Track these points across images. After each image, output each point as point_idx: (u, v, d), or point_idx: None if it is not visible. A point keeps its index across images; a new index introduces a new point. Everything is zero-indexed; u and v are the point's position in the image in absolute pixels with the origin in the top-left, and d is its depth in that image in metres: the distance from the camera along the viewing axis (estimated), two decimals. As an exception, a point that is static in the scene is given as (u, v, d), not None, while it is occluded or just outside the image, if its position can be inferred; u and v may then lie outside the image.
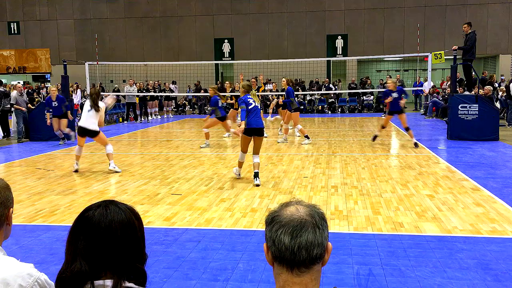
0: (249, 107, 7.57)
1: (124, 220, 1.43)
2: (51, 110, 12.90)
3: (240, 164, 8.10)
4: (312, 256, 1.29)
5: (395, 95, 11.53)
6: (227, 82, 18.21)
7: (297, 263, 1.28)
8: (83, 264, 1.37)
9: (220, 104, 11.70)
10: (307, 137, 12.30)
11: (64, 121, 13.17)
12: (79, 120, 9.30)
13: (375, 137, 12.13)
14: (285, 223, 1.30)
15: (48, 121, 12.93)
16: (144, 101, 20.48)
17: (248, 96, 7.70)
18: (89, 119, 8.63)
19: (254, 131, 7.59)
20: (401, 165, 9.16)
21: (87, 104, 8.73)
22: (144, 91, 20.68)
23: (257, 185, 7.48)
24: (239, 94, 8.44)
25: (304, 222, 1.30)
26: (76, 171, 8.91)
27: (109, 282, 1.37)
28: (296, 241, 1.27)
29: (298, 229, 1.28)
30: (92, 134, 8.72)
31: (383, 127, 12.08)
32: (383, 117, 20.03)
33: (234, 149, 11.66)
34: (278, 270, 1.31)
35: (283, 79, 12.45)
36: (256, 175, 7.61)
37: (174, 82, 24.94)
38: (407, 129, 11.43)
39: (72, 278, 1.36)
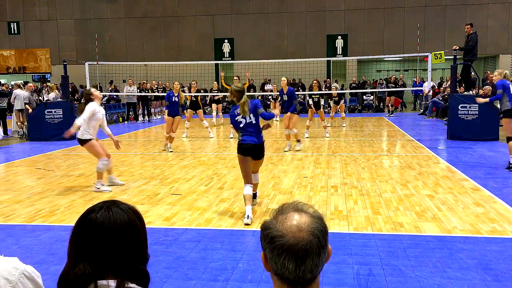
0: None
1: (126, 221, 1.44)
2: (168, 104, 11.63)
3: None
4: (316, 274, 1.26)
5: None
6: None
7: (301, 283, 1.25)
8: (86, 267, 1.37)
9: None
10: (299, 141, 11.51)
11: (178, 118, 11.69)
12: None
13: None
14: (288, 247, 1.22)
15: (166, 117, 11.55)
16: (146, 101, 20.45)
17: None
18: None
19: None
20: (401, 165, 9.16)
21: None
22: (147, 91, 20.66)
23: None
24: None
25: (309, 246, 1.22)
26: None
27: (112, 283, 1.38)
28: (301, 268, 1.23)
29: (303, 255, 1.22)
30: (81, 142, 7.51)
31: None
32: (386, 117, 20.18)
33: (234, 149, 11.65)
34: (278, 283, 1.28)
35: (283, 79, 11.18)
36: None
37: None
38: None
39: (75, 281, 1.36)
